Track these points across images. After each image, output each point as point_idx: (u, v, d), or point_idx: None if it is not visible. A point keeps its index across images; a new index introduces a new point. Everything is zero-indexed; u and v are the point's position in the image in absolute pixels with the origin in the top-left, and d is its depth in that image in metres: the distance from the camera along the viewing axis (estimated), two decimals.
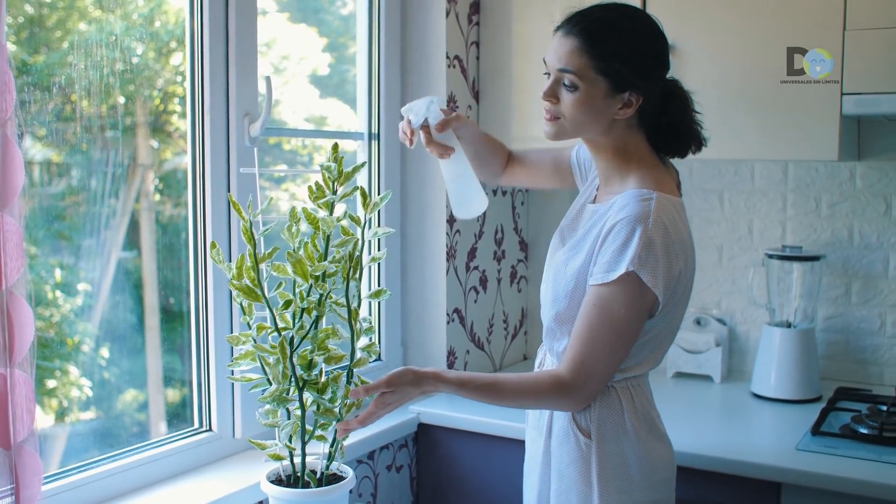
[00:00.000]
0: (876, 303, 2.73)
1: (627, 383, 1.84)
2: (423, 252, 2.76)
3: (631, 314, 1.73)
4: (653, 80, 1.80)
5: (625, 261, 1.70)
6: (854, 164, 2.72)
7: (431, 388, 1.80)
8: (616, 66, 1.73)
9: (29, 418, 1.52)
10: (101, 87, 1.97)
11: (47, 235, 1.93)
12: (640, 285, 1.71)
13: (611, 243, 1.73)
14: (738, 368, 2.91)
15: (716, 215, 2.92)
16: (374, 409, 1.78)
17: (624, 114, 1.78)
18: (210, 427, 2.21)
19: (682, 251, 1.76)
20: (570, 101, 1.77)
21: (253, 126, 2.19)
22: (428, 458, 2.64)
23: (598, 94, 1.75)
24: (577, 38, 1.74)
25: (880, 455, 2.12)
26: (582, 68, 1.74)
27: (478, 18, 2.82)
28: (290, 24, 2.59)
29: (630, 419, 1.82)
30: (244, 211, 1.75)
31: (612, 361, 1.77)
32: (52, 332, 1.98)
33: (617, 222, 1.73)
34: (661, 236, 1.71)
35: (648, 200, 1.73)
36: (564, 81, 1.77)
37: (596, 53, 1.73)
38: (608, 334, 1.74)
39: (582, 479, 1.82)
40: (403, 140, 1.98)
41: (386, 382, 1.77)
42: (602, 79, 1.74)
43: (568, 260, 1.85)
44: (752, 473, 2.11)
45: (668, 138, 1.86)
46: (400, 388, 1.77)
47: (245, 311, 1.79)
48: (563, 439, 1.85)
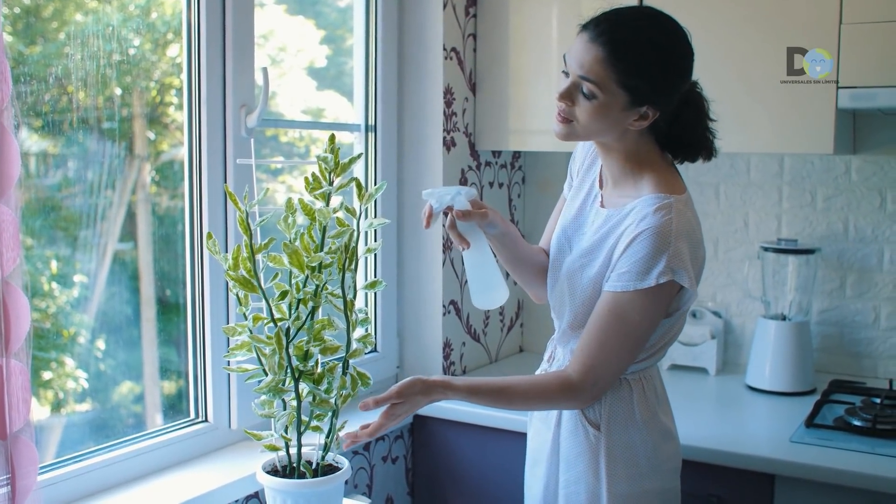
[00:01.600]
0: (870, 296, 2.73)
1: (640, 374, 1.85)
2: (420, 243, 2.77)
3: (645, 320, 1.74)
4: (672, 95, 1.77)
5: (654, 272, 1.69)
6: (849, 158, 2.72)
7: (440, 397, 1.80)
8: (638, 83, 1.70)
9: (25, 408, 1.52)
10: (98, 78, 1.97)
11: (44, 226, 1.93)
12: (667, 290, 1.72)
13: (635, 254, 1.71)
14: (733, 361, 2.92)
15: (711, 208, 2.92)
16: (384, 420, 1.78)
17: (638, 126, 1.76)
18: (206, 418, 2.22)
19: (701, 250, 1.79)
20: (586, 109, 1.73)
21: (249, 117, 2.19)
22: (423, 450, 2.64)
23: (616, 106, 1.72)
24: (604, 48, 1.69)
25: (874, 447, 2.13)
26: (604, 79, 1.70)
27: (475, 10, 2.82)
28: (287, 16, 2.59)
29: (639, 409, 1.84)
30: (240, 202, 1.75)
31: (621, 365, 1.79)
32: (49, 323, 1.98)
33: (641, 233, 1.71)
34: (687, 243, 1.72)
35: (669, 208, 1.72)
36: (583, 88, 1.72)
37: (620, 67, 1.68)
38: (621, 339, 1.75)
39: (590, 470, 1.84)
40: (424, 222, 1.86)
41: (396, 394, 1.77)
42: (622, 92, 1.70)
43: (583, 267, 1.84)
44: (746, 465, 2.12)
45: (678, 145, 1.84)
46: (409, 399, 1.77)
47: (241, 302, 1.79)
48: (572, 430, 1.86)
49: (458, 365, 2.85)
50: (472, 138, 2.85)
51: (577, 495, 1.85)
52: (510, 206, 3.08)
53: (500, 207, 3.02)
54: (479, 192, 2.90)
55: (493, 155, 2.97)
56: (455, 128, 2.76)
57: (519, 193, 3.13)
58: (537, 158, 3.12)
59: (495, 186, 2.99)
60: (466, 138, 2.82)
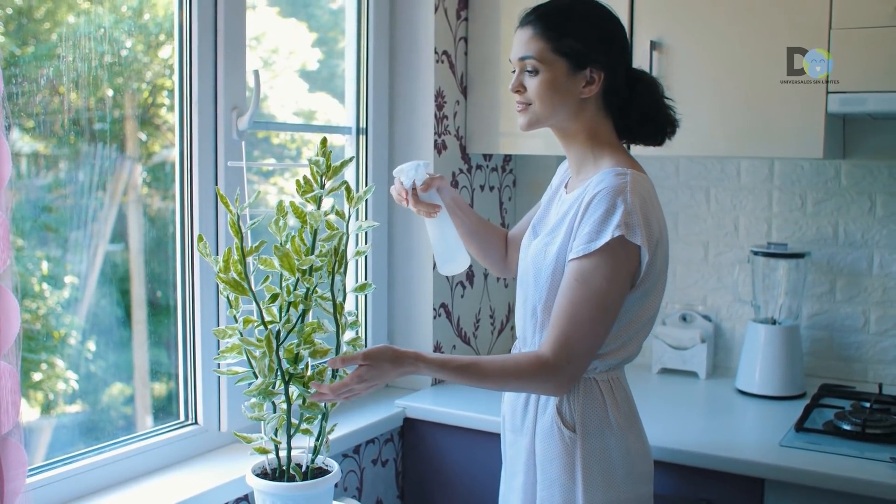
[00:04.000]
0: (860, 300, 2.74)
1: (608, 375, 1.85)
2: (410, 246, 2.77)
3: (613, 286, 1.74)
4: (610, 55, 1.85)
5: (609, 228, 1.72)
6: (839, 163, 2.73)
7: (411, 369, 1.77)
8: (571, 44, 1.81)
9: (14, 410, 1.52)
10: (90, 79, 1.97)
11: (34, 227, 1.93)
12: (624, 250, 1.73)
13: (591, 215, 1.75)
14: (724, 365, 2.93)
15: (702, 212, 2.93)
16: (349, 381, 1.73)
17: (589, 91, 1.84)
18: (196, 420, 2.21)
19: (659, 223, 1.80)
20: (535, 85, 1.83)
21: (241, 120, 2.19)
22: (413, 453, 2.64)
23: (560, 73, 1.82)
24: (533, 25, 1.84)
25: (863, 452, 2.14)
26: (540, 51, 1.82)
27: (466, 14, 2.82)
28: (279, 19, 2.59)
29: (613, 413, 1.84)
30: (231, 204, 1.75)
31: (595, 339, 1.76)
32: (39, 324, 1.98)
33: (595, 194, 1.76)
34: (640, 205, 1.74)
35: (624, 175, 1.77)
36: (527, 68, 1.84)
37: (551, 35, 1.82)
38: (591, 309, 1.74)
39: (566, 473, 1.83)
40: (399, 200, 2.04)
41: (363, 356, 1.74)
42: (561, 58, 1.82)
43: (547, 245, 1.86)
44: (736, 469, 2.12)
45: (639, 123, 1.90)
46: (378, 365, 1.74)
47: (232, 305, 1.79)
48: (547, 433, 1.86)
49: None
50: (464, 141, 2.85)
51: (552, 498, 1.85)
52: (501, 209, 3.08)
53: (491, 210, 3.02)
54: (471, 195, 2.91)
55: (484, 158, 2.97)
56: (446, 131, 2.77)
57: (510, 196, 3.13)
58: (528, 162, 3.12)
59: (486, 189, 2.99)
60: (457, 141, 2.83)
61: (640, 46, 2.50)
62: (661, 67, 2.49)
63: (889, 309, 2.71)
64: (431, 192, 2.00)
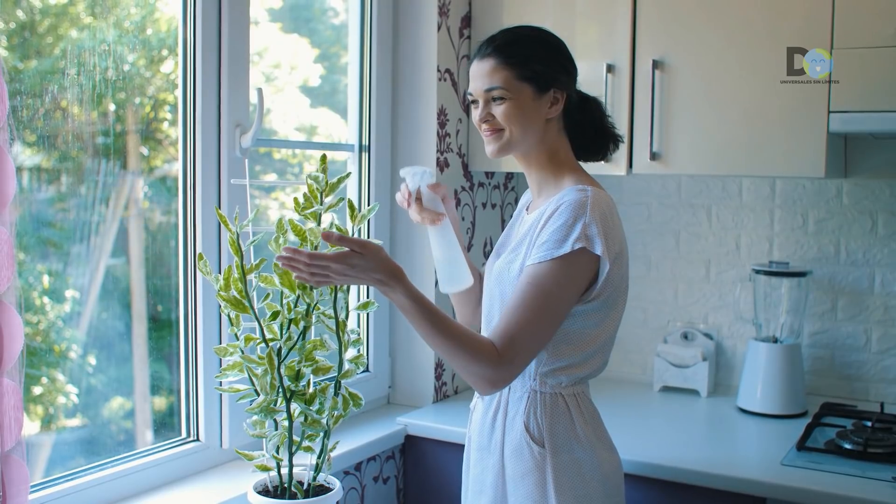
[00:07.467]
0: (862, 319, 2.74)
1: (573, 390, 1.88)
2: (412, 263, 2.77)
3: (563, 292, 1.77)
4: (570, 75, 1.92)
5: (570, 240, 1.75)
6: (840, 181, 2.74)
7: (391, 282, 1.71)
8: (535, 68, 1.85)
9: (17, 427, 1.52)
10: (93, 93, 1.98)
11: (36, 241, 1.93)
12: (582, 260, 1.76)
13: (552, 225, 1.79)
14: (725, 383, 2.92)
15: (703, 230, 2.93)
16: (331, 256, 1.67)
17: (555, 111, 1.89)
18: (197, 437, 2.21)
19: (618, 238, 1.84)
20: (504, 112, 1.86)
21: (244, 137, 2.19)
22: (415, 470, 2.64)
23: (527, 98, 1.86)
24: (493, 56, 1.87)
25: (864, 471, 2.13)
26: (506, 80, 1.85)
27: (469, 32, 2.83)
28: (282, 34, 2.60)
29: (580, 426, 1.85)
30: (231, 223, 1.75)
31: (537, 341, 1.78)
32: (39, 338, 1.97)
33: (557, 207, 1.80)
34: (600, 219, 1.78)
35: (585, 191, 1.82)
36: (493, 97, 1.87)
37: (513, 62, 1.85)
38: (539, 311, 1.76)
39: (538, 489, 1.84)
40: (402, 203, 2.00)
41: (360, 244, 1.69)
42: (525, 83, 1.85)
43: (510, 262, 1.89)
44: (737, 488, 2.12)
45: (591, 140, 1.98)
46: (367, 257, 1.69)
47: (233, 323, 1.79)
48: (516, 450, 1.86)
49: (451, 385, 2.85)
50: (466, 159, 2.86)
51: None
52: (503, 227, 3.08)
53: (493, 228, 3.03)
54: (473, 213, 2.91)
55: (486, 176, 2.97)
56: (448, 148, 2.77)
57: (511, 214, 3.13)
58: None
59: (488, 207, 2.99)
60: (460, 159, 2.83)
61: (643, 65, 2.51)
62: (664, 86, 2.49)
63: (890, 328, 2.71)
64: (436, 201, 1.99)
